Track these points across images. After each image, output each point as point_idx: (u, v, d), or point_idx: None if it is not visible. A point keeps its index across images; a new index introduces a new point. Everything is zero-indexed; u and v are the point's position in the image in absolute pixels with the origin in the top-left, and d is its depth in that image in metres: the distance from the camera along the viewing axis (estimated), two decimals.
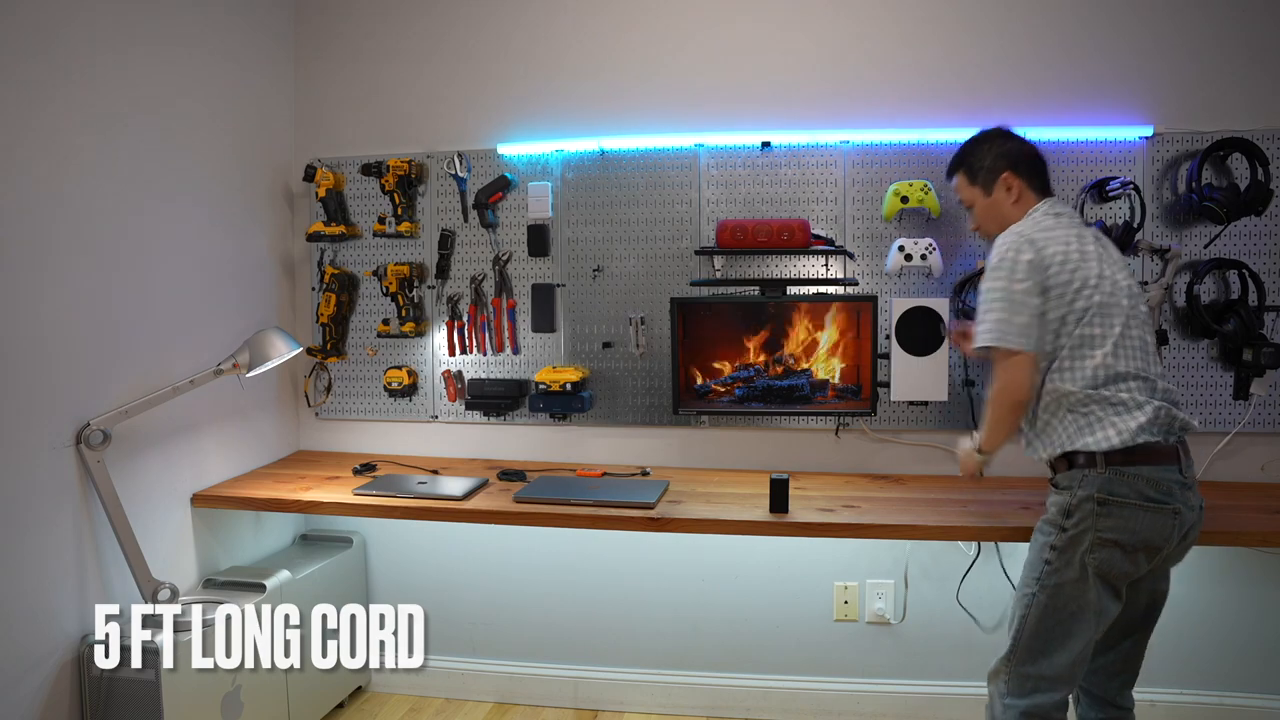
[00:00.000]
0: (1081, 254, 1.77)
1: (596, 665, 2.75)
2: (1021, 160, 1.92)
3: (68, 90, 2.01)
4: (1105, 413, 1.71)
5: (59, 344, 1.99)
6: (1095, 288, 1.75)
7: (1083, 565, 1.71)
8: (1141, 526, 1.69)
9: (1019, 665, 1.78)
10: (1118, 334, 1.73)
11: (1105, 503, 1.69)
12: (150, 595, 2.10)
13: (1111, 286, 1.77)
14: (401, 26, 2.78)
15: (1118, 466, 1.68)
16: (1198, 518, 1.76)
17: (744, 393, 2.60)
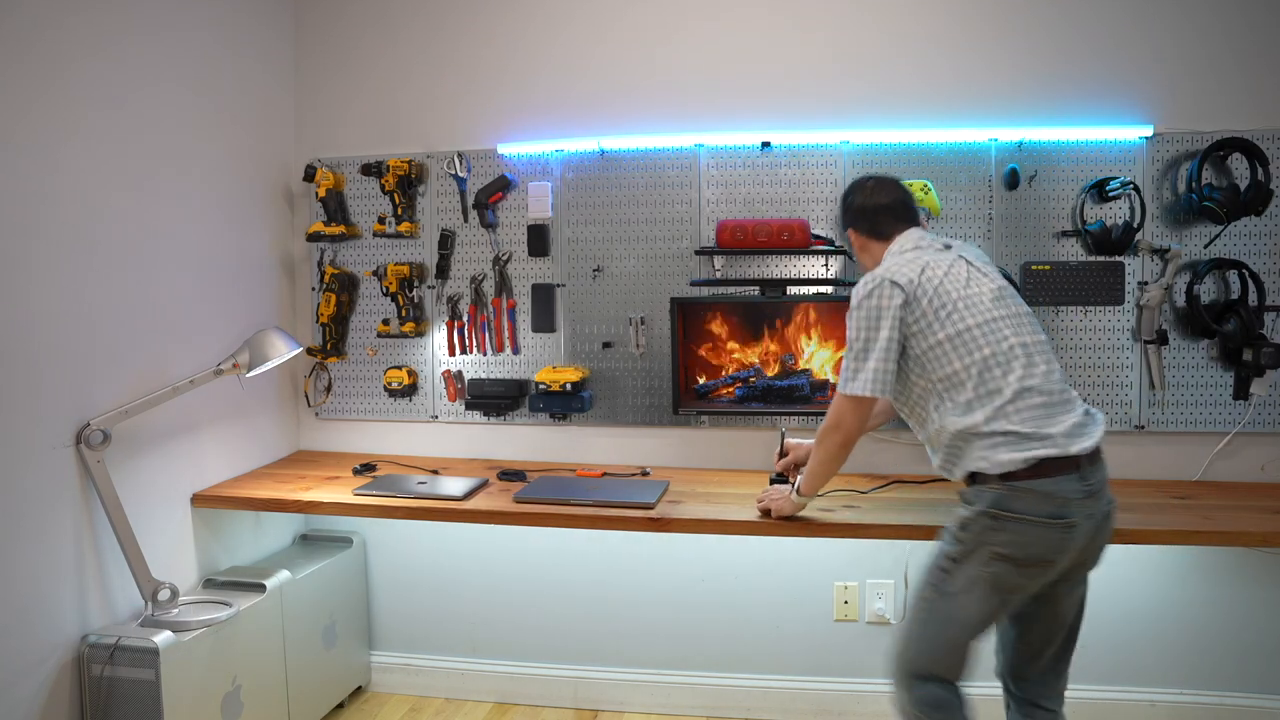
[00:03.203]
0: (938, 280, 1.78)
1: (596, 665, 2.75)
2: (854, 215, 2.00)
3: (67, 90, 2.01)
4: (999, 439, 1.69)
5: (59, 344, 1.99)
6: (960, 310, 1.75)
7: (974, 578, 1.71)
8: (1033, 541, 1.68)
9: (908, 663, 1.81)
10: (987, 354, 1.72)
11: (998, 518, 1.68)
12: (150, 595, 2.10)
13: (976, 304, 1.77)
14: (401, 27, 2.78)
15: (1012, 482, 1.67)
16: (1102, 523, 1.73)
17: (744, 393, 2.60)
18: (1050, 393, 1.72)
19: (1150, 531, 2.01)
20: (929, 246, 1.89)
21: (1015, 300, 1.84)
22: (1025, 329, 1.78)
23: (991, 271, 1.89)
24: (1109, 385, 2.48)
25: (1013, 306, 1.81)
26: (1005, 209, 2.49)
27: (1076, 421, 1.70)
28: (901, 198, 2.00)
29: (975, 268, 1.86)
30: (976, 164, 2.49)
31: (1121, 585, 2.50)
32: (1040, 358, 1.75)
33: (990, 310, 1.76)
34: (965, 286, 1.79)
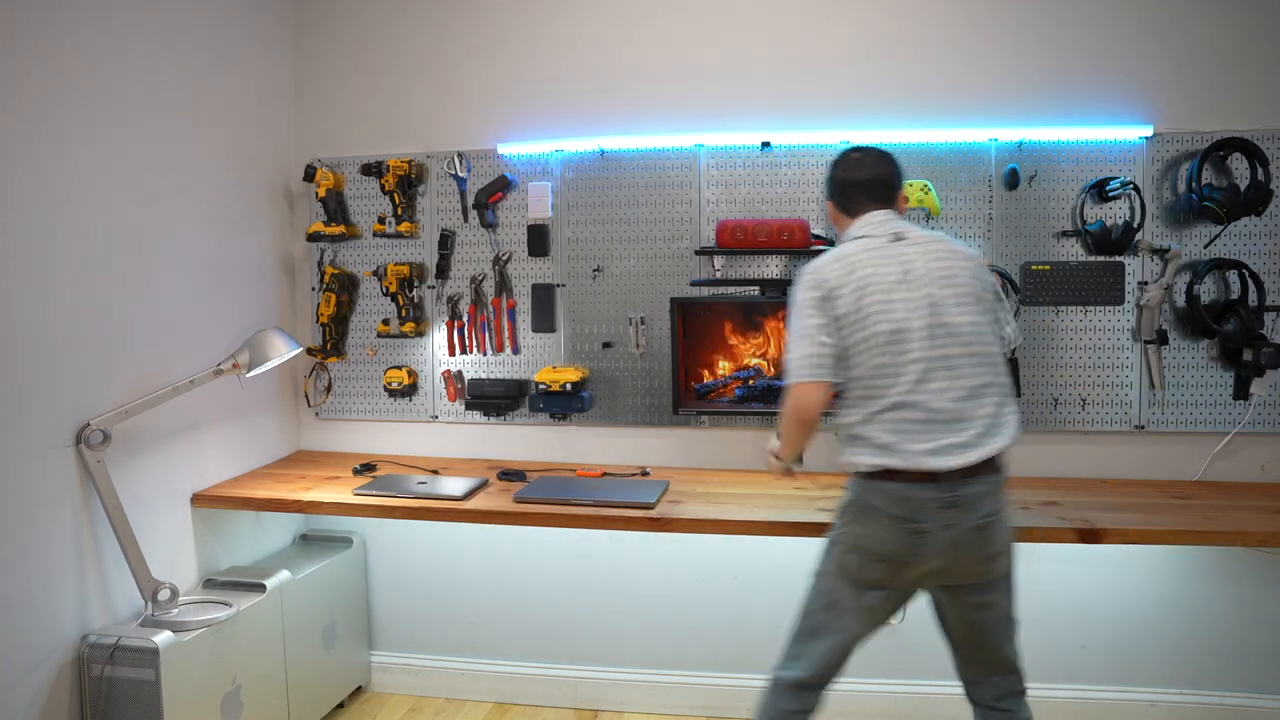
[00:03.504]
0: (863, 281, 1.77)
1: (596, 665, 2.75)
2: (832, 187, 1.97)
3: (68, 91, 2.01)
4: (862, 442, 1.76)
5: (59, 344, 1.99)
6: (874, 315, 1.75)
7: (837, 562, 1.82)
8: (883, 538, 1.74)
9: (791, 642, 1.88)
10: (883, 363, 1.74)
11: (858, 510, 1.78)
12: (150, 595, 2.10)
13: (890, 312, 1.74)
14: (402, 27, 2.78)
15: (872, 479, 1.75)
16: (969, 535, 1.70)
17: (744, 393, 2.60)
18: (934, 410, 1.71)
19: (1150, 531, 2.01)
20: (879, 236, 1.83)
21: (950, 309, 1.74)
22: (943, 343, 1.72)
23: (941, 270, 1.77)
24: (1109, 385, 2.48)
25: (932, 317, 1.73)
26: (1005, 209, 2.49)
27: (954, 442, 1.69)
28: (879, 174, 1.92)
29: (913, 269, 1.77)
30: (976, 164, 2.49)
31: (1121, 585, 2.50)
32: (944, 374, 1.71)
33: (903, 320, 1.73)
34: (887, 293, 1.75)
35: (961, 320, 1.74)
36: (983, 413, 1.72)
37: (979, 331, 1.76)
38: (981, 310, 1.78)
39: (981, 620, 1.82)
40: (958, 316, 1.75)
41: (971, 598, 1.80)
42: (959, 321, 1.74)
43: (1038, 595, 2.52)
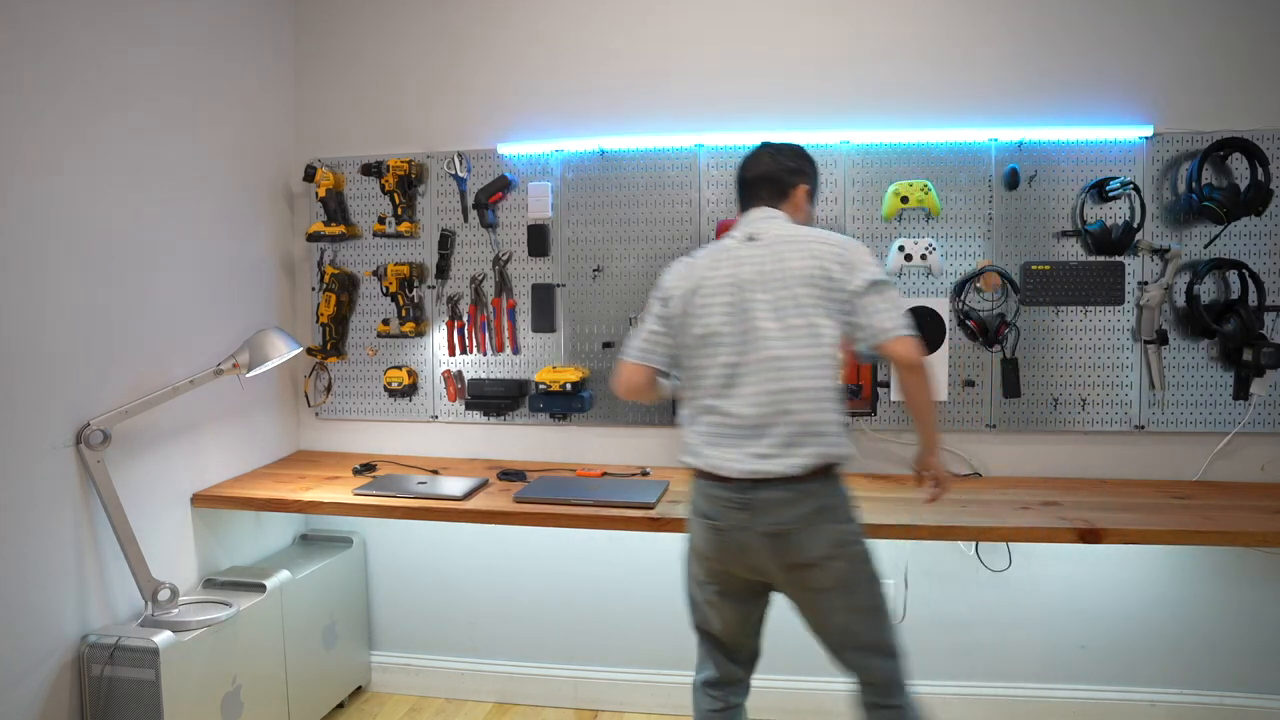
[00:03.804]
0: (695, 285, 1.81)
1: (596, 665, 2.75)
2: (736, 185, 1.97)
3: (67, 90, 2.01)
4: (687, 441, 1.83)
5: (59, 344, 1.99)
6: (694, 318, 1.80)
7: (684, 561, 1.91)
8: (697, 534, 1.83)
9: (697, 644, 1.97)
10: (697, 366, 1.80)
11: (688, 508, 1.87)
12: (150, 595, 2.10)
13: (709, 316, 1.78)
14: (402, 26, 2.78)
15: (694, 478, 1.83)
16: (767, 542, 1.71)
17: None
18: (735, 417, 1.74)
19: (1150, 531, 2.01)
20: (736, 237, 1.83)
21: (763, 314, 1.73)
22: (751, 349, 1.73)
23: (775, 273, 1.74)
24: (1109, 385, 2.48)
25: (744, 322, 1.74)
26: (1005, 209, 2.49)
27: (752, 451, 1.72)
28: (768, 171, 1.89)
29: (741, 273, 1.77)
30: (976, 164, 2.49)
31: (1121, 585, 2.50)
32: (752, 381, 1.72)
33: (716, 325, 1.77)
34: (710, 296, 1.79)
35: (772, 326, 1.73)
36: (787, 420, 1.70)
37: (792, 338, 1.72)
38: (809, 314, 1.71)
39: (818, 626, 1.80)
40: (770, 322, 1.73)
41: (801, 604, 1.80)
42: (769, 328, 1.73)
43: (1038, 595, 2.53)
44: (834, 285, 1.73)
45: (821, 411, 1.72)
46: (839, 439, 1.73)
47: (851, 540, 1.76)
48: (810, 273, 1.74)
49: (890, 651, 1.79)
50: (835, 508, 1.75)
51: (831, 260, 1.74)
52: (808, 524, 1.71)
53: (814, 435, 1.71)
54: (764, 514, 1.71)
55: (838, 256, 1.75)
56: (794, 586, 1.77)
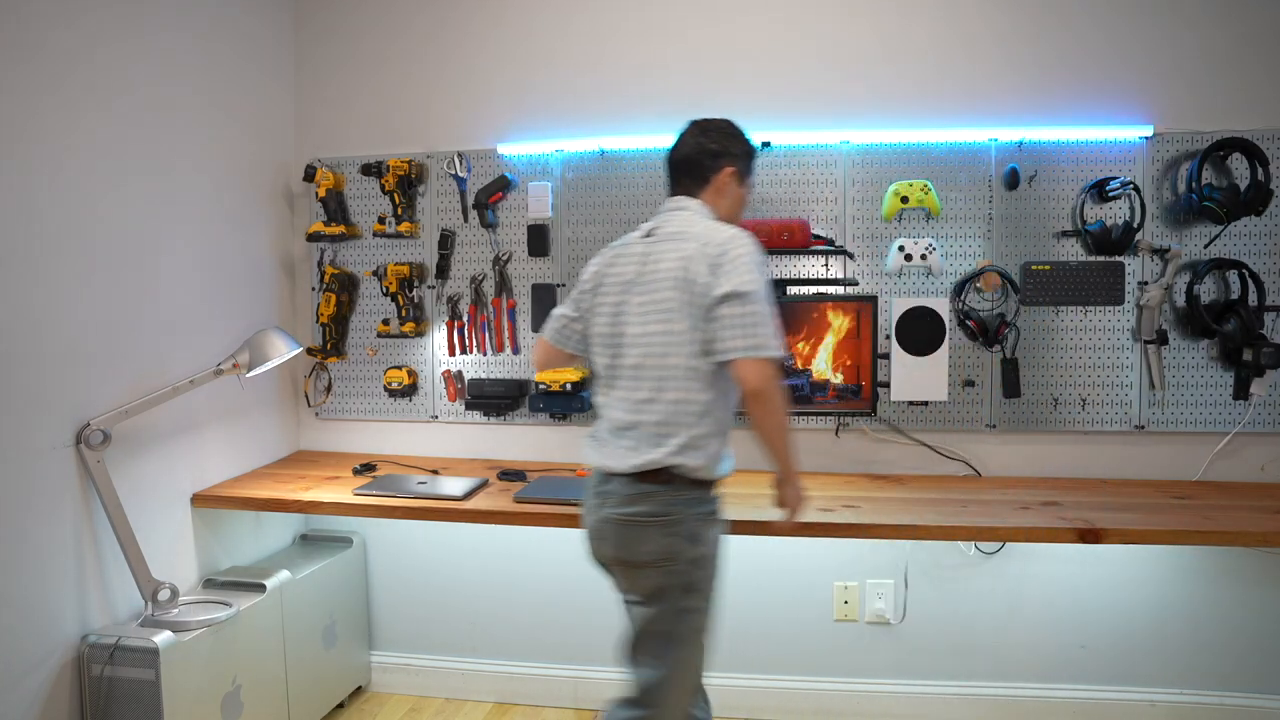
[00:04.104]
0: (600, 279, 1.85)
1: (596, 665, 2.74)
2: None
3: (66, 90, 2.01)
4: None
5: (59, 344, 1.99)
6: (591, 315, 1.85)
7: None
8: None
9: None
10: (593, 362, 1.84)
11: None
12: (150, 595, 2.10)
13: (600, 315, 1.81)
14: (402, 27, 2.78)
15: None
16: (602, 527, 1.75)
17: None
18: (609, 420, 1.79)
19: (1150, 531, 2.01)
20: (640, 232, 1.83)
21: (631, 319, 1.73)
22: (622, 353, 1.74)
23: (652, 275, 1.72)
24: (1109, 385, 2.48)
25: (615, 325, 1.76)
26: (1005, 209, 2.49)
27: (619, 446, 1.74)
28: (687, 154, 1.82)
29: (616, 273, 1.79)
30: (976, 164, 2.49)
31: (1121, 585, 2.50)
32: (625, 384, 1.74)
33: (602, 326, 1.81)
34: (604, 296, 1.82)
35: (636, 331, 1.73)
36: (644, 423, 1.71)
37: (651, 345, 1.71)
38: (671, 320, 1.68)
39: (632, 624, 1.79)
40: (636, 327, 1.73)
41: (626, 602, 1.81)
42: (634, 333, 1.73)
43: (1038, 595, 2.53)
44: (697, 290, 1.67)
45: (678, 420, 1.68)
46: (690, 451, 1.68)
47: (681, 558, 1.70)
48: (676, 275, 1.68)
49: (652, 703, 1.73)
50: (674, 519, 1.69)
51: (701, 262, 1.67)
52: (639, 525, 1.70)
53: (665, 439, 1.68)
54: (609, 502, 1.74)
55: (709, 258, 1.66)
56: (620, 580, 1.80)
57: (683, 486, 1.70)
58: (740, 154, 1.85)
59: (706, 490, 1.75)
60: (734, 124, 1.87)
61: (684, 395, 1.69)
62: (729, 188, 1.83)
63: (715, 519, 1.77)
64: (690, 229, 1.74)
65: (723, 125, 1.85)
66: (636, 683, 1.77)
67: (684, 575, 1.71)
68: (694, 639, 1.76)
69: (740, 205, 1.89)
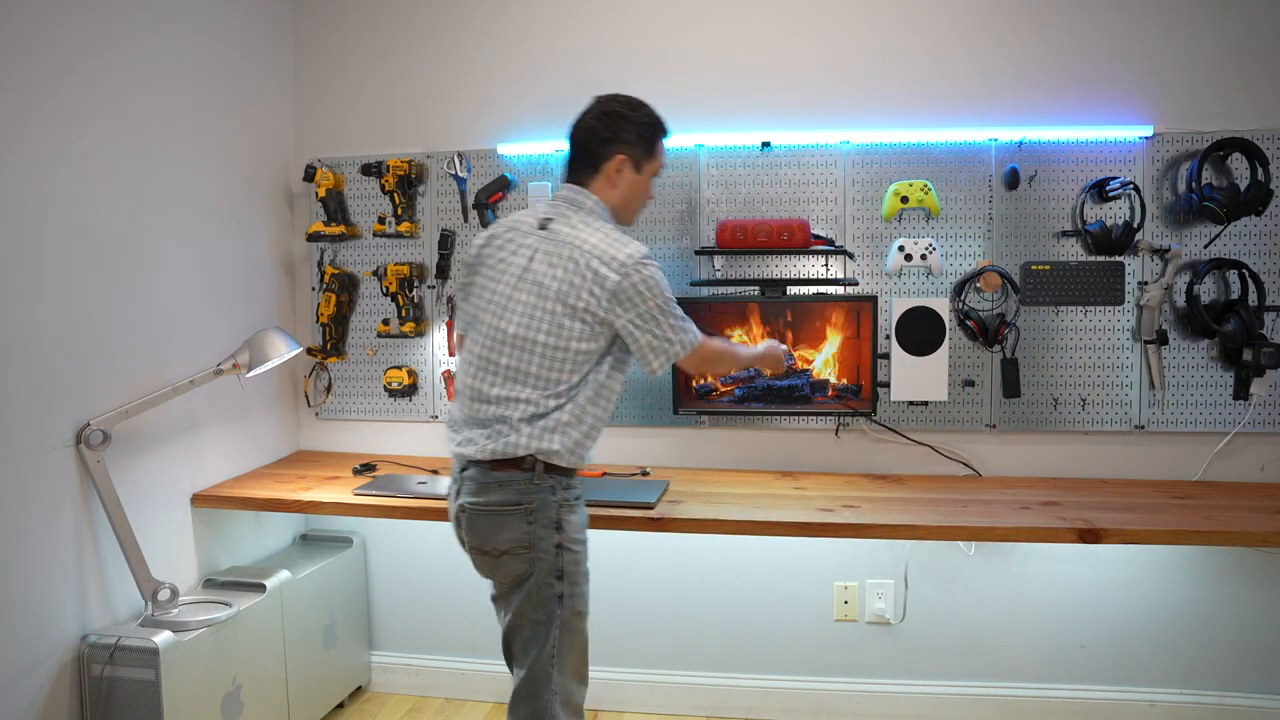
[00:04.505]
0: (482, 259, 1.82)
1: (596, 665, 2.73)
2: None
3: (66, 89, 2.01)
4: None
5: (59, 344, 1.99)
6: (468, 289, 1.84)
7: None
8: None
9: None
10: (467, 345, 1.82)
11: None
12: (150, 595, 2.10)
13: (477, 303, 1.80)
14: (401, 26, 2.78)
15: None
16: (458, 516, 1.76)
17: (744, 393, 2.60)
18: (465, 403, 1.78)
19: (1150, 531, 2.01)
20: (534, 219, 1.80)
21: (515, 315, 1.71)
22: (505, 349, 1.72)
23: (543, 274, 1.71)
24: (1109, 385, 2.48)
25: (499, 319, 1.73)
26: (1005, 209, 2.49)
27: (462, 436, 1.75)
28: (579, 137, 1.79)
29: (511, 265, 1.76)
30: (976, 164, 2.49)
31: (1121, 585, 2.50)
32: (485, 375, 1.74)
33: (481, 313, 1.78)
34: (475, 272, 1.82)
35: (513, 331, 1.71)
36: (507, 417, 1.70)
37: (528, 346, 1.70)
38: (552, 331, 1.68)
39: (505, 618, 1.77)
40: (514, 327, 1.71)
41: (495, 598, 1.81)
42: (512, 331, 1.72)
43: (1038, 595, 2.53)
44: (586, 314, 1.68)
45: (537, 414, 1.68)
46: (550, 436, 1.67)
47: (542, 545, 1.69)
48: (565, 295, 1.68)
49: (528, 691, 1.71)
50: (533, 507, 1.69)
51: (594, 288, 1.67)
52: (498, 513, 1.69)
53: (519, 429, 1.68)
54: (464, 490, 1.74)
55: (608, 290, 1.66)
56: (482, 570, 1.78)
57: (542, 474, 1.69)
58: (633, 140, 1.78)
59: (567, 478, 1.73)
60: (634, 106, 1.81)
61: (549, 391, 1.70)
62: (620, 178, 1.79)
63: (577, 506, 1.76)
64: (585, 240, 1.71)
65: (618, 109, 1.80)
66: (519, 679, 1.73)
67: (547, 561, 1.70)
68: (570, 626, 1.73)
69: (638, 195, 1.85)
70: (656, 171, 1.87)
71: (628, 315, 1.68)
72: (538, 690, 1.71)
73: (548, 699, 1.71)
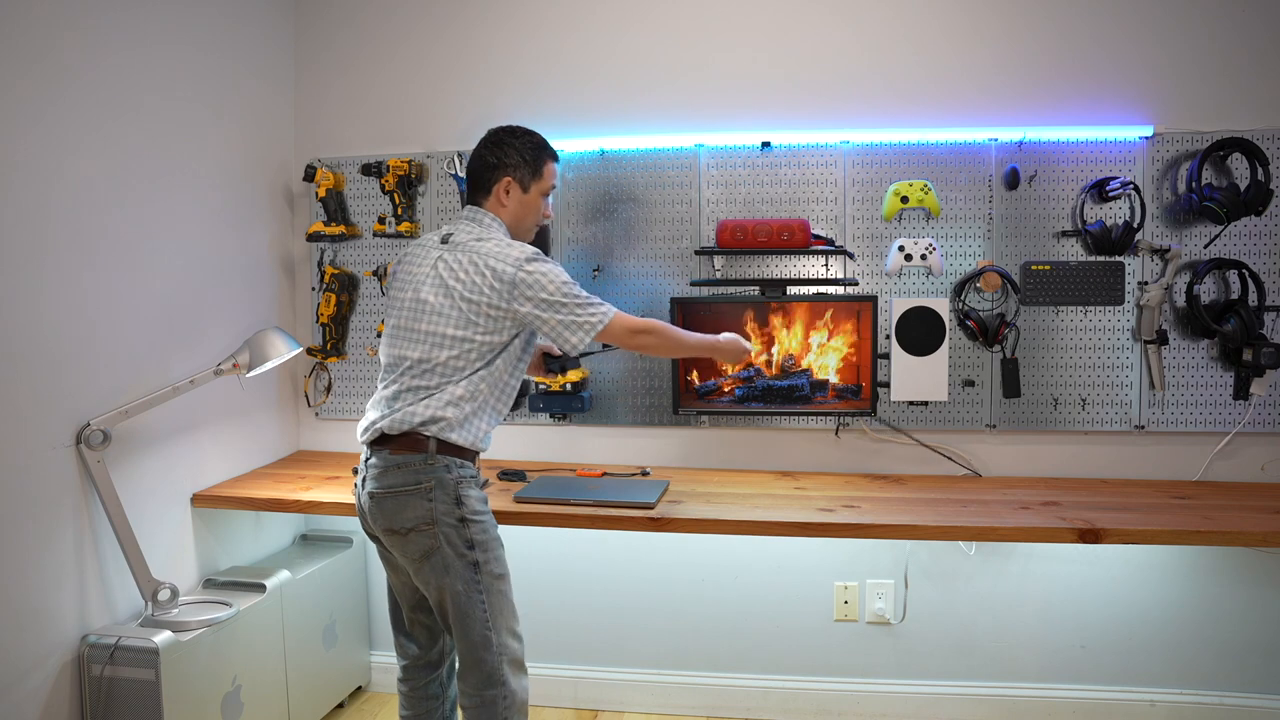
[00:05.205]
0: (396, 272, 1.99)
1: (596, 665, 2.75)
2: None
3: (66, 90, 2.01)
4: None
5: (59, 344, 1.99)
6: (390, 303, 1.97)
7: None
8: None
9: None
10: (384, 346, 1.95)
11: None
12: (150, 595, 2.10)
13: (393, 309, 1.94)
14: (401, 27, 2.78)
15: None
16: (366, 503, 1.87)
17: (744, 393, 2.60)
18: (373, 399, 1.93)
19: (1150, 531, 2.01)
20: (436, 235, 1.96)
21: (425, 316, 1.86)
22: (400, 341, 1.88)
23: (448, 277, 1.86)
24: (1109, 385, 2.48)
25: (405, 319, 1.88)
26: (1005, 209, 2.49)
27: (366, 423, 1.90)
28: (471, 165, 1.98)
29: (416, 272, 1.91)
30: (976, 164, 2.49)
31: (1121, 585, 2.50)
32: (395, 369, 1.89)
33: (390, 317, 1.94)
34: (400, 291, 1.94)
35: (424, 327, 1.86)
36: (405, 409, 1.84)
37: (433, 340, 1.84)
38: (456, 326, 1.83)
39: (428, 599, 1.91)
40: (426, 323, 1.86)
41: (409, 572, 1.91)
42: (422, 327, 1.86)
43: (1038, 595, 2.54)
44: (488, 310, 1.83)
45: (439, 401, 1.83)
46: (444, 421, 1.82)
47: (446, 520, 1.82)
48: (466, 295, 1.83)
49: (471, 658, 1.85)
50: (429, 486, 1.81)
51: (494, 287, 1.82)
52: (393, 494, 1.83)
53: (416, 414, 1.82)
54: (369, 478, 1.87)
55: (505, 285, 1.82)
56: (394, 552, 1.89)
57: (435, 454, 1.83)
58: (517, 164, 1.96)
59: (462, 457, 1.87)
60: (515, 134, 1.98)
61: (452, 379, 1.85)
62: (510, 198, 1.96)
63: (473, 483, 1.89)
64: (481, 246, 1.87)
65: (501, 137, 1.97)
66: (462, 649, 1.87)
67: (454, 534, 1.83)
68: (494, 589, 1.89)
69: (529, 212, 2.00)
70: (546, 191, 2.02)
71: (530, 304, 1.84)
72: (481, 655, 1.85)
73: (494, 661, 1.85)
